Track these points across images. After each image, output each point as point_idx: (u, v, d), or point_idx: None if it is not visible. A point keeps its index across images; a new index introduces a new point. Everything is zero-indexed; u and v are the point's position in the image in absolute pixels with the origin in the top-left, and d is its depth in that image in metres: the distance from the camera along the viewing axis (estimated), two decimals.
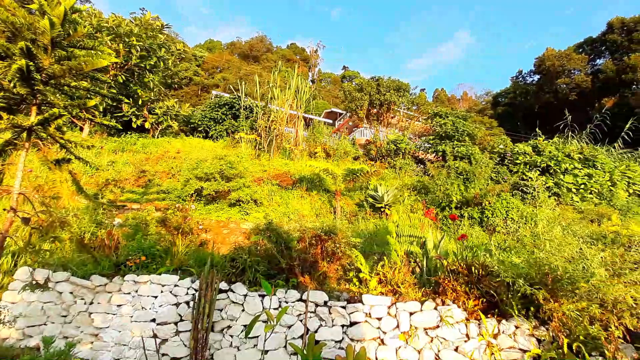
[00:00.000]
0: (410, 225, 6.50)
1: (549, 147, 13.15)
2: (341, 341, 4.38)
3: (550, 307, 3.70)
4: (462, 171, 10.39)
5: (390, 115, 18.18)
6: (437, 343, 4.20)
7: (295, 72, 12.64)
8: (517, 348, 3.98)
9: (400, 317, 4.31)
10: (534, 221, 8.23)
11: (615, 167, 13.29)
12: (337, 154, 12.67)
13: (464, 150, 11.31)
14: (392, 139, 12.67)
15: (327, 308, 4.55)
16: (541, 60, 42.34)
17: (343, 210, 9.21)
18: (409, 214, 8.51)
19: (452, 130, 12.31)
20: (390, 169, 11.67)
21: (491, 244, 7.24)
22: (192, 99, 39.25)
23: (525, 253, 4.81)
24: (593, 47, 40.91)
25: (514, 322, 4.06)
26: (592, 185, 12.09)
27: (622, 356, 3.75)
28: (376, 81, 17.65)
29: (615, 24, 38.63)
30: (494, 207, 9.07)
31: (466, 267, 4.63)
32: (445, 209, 9.38)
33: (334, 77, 62.37)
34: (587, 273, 3.53)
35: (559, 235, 3.99)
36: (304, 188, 9.62)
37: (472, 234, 8.52)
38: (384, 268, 4.95)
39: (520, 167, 12.39)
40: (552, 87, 40.57)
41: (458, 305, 4.33)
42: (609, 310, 3.52)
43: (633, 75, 34.34)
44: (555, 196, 11.49)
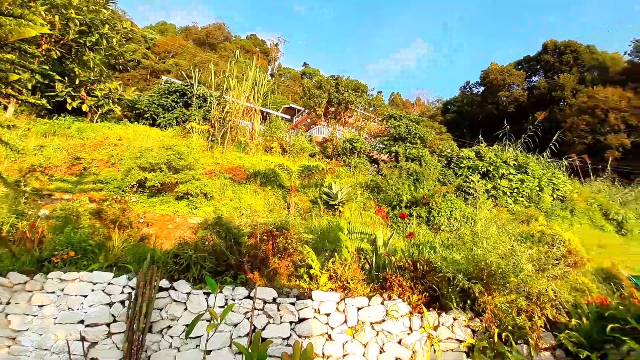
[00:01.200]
0: (362, 223, 6.64)
1: (490, 153, 14.26)
2: (289, 338, 4.31)
3: (484, 300, 3.98)
4: (413, 172, 10.87)
5: (348, 114, 18.48)
6: (382, 337, 4.31)
7: (253, 63, 12.27)
8: (454, 339, 4.23)
9: (348, 312, 4.35)
10: (474, 221, 8.85)
11: (543, 174, 14.80)
12: (293, 150, 12.56)
13: (416, 152, 11.85)
14: (348, 137, 12.87)
15: (275, 305, 4.46)
16: (486, 74, 45.88)
17: (297, 206, 9.14)
18: (361, 212, 8.70)
19: (405, 132, 12.84)
20: (346, 168, 11.84)
21: (436, 242, 7.66)
22: (139, 83, 36.53)
23: (465, 250, 5.14)
24: (530, 65, 45.26)
25: (453, 315, 4.31)
26: (523, 189, 13.34)
27: (542, 343, 4.16)
28: (335, 80, 17.83)
29: (549, 45, 43.10)
30: (440, 207, 9.61)
31: (412, 263, 4.82)
32: (396, 208, 9.74)
33: (294, 73, 61.93)
34: (517, 268, 3.84)
35: (494, 234, 4.30)
36: (258, 183, 9.39)
37: (419, 232, 8.95)
38: (334, 264, 4.97)
39: (464, 170, 13.29)
40: (494, 99, 44.18)
41: (403, 299, 4.49)
42: (534, 302, 3.88)
43: (561, 93, 38.60)
44: (493, 198, 12.50)
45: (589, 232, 13.52)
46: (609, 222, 15.64)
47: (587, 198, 15.93)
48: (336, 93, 17.14)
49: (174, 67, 41.31)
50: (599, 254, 11.86)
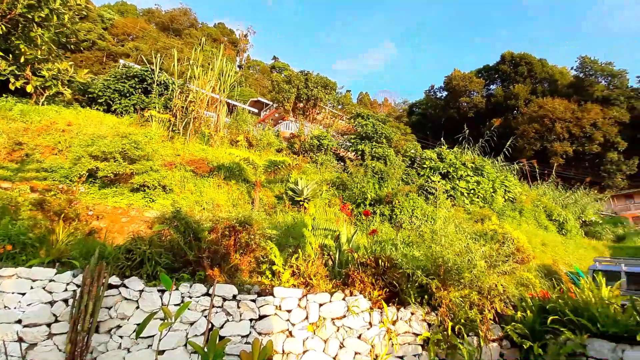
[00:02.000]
0: (326, 220, 6.66)
1: (450, 155, 14.92)
2: (248, 336, 4.21)
3: (440, 295, 4.15)
4: (378, 171, 11.10)
5: (316, 111, 18.45)
6: (342, 332, 4.34)
7: (220, 53, 11.82)
8: (411, 332, 4.37)
9: (310, 308, 4.34)
10: (434, 219, 9.23)
11: (497, 177, 15.77)
12: (260, 144, 12.32)
13: (381, 152, 12.12)
14: (316, 134, 12.85)
15: (236, 302, 4.33)
16: (449, 79, 47.99)
17: (262, 201, 8.98)
18: (326, 209, 8.72)
19: (372, 131, 13.08)
20: (312, 164, 11.82)
21: (398, 239, 7.86)
22: (94, 66, 33.94)
23: (425, 247, 5.33)
24: (489, 74, 47.99)
25: (411, 309, 4.45)
26: (479, 190, 14.12)
27: (491, 335, 4.42)
28: (305, 75, 17.70)
29: (507, 56, 45.94)
30: (402, 205, 9.89)
31: (374, 260, 4.90)
32: (360, 206, 9.89)
33: (263, 66, 60.75)
34: (471, 265, 4.04)
35: (452, 232, 4.49)
36: (221, 177, 9.09)
37: (382, 230, 9.15)
38: (298, 260, 4.93)
39: (426, 171, 13.80)
40: (456, 104, 46.38)
41: (364, 295, 4.55)
42: (485, 297, 4.11)
43: (515, 102, 41.36)
44: (452, 198, 13.11)
45: (535, 232, 14.65)
46: (551, 222, 17.04)
47: (534, 200, 17.23)
48: (305, 89, 17.03)
49: (133, 51, 38.83)
50: (542, 252, 12.89)
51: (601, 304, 4.06)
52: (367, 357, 4.22)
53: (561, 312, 4.24)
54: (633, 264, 10.28)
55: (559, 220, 17.25)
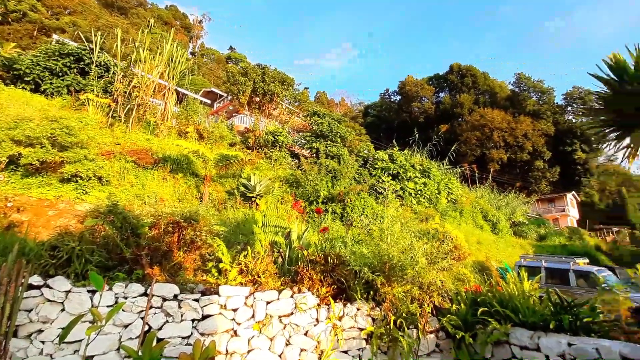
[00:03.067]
0: (278, 217, 6.59)
1: (401, 157, 15.61)
2: (190, 337, 4.02)
3: (384, 291, 4.32)
4: (332, 169, 11.25)
5: (273, 106, 18.16)
6: (289, 329, 4.33)
7: (171, 37, 11.08)
8: (357, 327, 4.50)
9: (257, 307, 4.26)
10: (383, 218, 9.59)
11: (442, 179, 16.82)
12: (212, 137, 11.81)
13: (336, 151, 12.30)
14: (271, 130, 12.66)
15: (177, 302, 4.10)
16: (403, 84, 50.18)
17: (212, 197, 8.64)
18: (278, 206, 8.64)
19: (327, 130, 13.22)
20: (266, 160, 11.63)
21: (348, 237, 8.02)
22: (22, 40, 30.00)
23: (373, 245, 5.51)
24: (439, 82, 51.01)
25: (357, 305, 4.57)
26: (425, 192, 14.95)
27: (429, 327, 4.70)
28: (262, 69, 17.32)
29: (455, 67, 49.18)
30: (354, 204, 10.14)
31: (323, 257, 4.95)
32: (313, 203, 9.96)
33: (218, 56, 58.29)
34: (413, 261, 4.26)
35: (398, 230, 4.68)
36: (167, 169, 8.57)
37: (333, 228, 9.29)
38: (246, 258, 4.82)
39: (378, 171, 14.29)
40: (408, 108, 48.65)
41: (313, 292, 4.58)
42: (425, 291, 4.36)
43: (461, 110, 44.44)
44: (400, 198, 13.72)
45: (472, 231, 15.91)
46: (487, 222, 18.64)
47: (472, 202, 18.70)
48: (262, 83, 16.65)
49: (70, 27, 34.96)
50: (477, 250, 14.04)
51: (523, 296, 4.52)
52: (313, 353, 4.25)
53: (490, 304, 4.64)
54: (551, 260, 11.62)
55: (493, 221, 18.94)
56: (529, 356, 4.15)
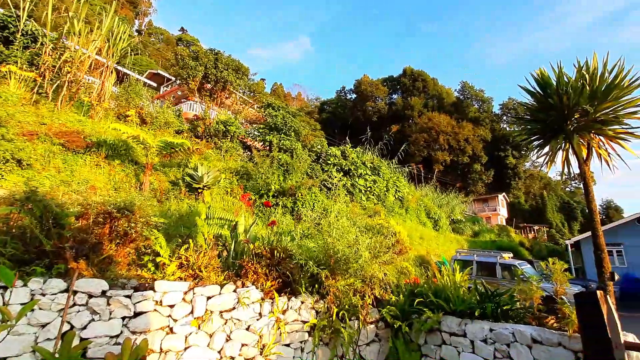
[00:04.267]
0: (225, 209, 6.36)
1: (353, 154, 15.97)
2: (119, 335, 3.73)
3: (329, 284, 4.38)
4: (284, 163, 11.14)
5: (225, 95, 17.42)
6: (231, 324, 4.21)
7: (112, 9, 10.06)
8: (300, 320, 4.52)
9: (196, 302, 4.07)
10: (332, 212, 9.75)
11: (390, 177, 17.54)
12: (156, 123, 11.03)
13: (289, 144, 12.20)
14: (223, 119, 12.15)
15: (105, 299, 3.77)
16: (359, 83, 51.30)
17: (153, 186, 8.09)
18: (226, 198, 8.35)
19: (281, 123, 13.06)
20: (216, 150, 11.16)
21: (297, 231, 8.03)
22: None
23: (321, 239, 5.57)
24: (392, 84, 52.94)
25: (301, 299, 4.59)
26: (375, 189, 15.49)
27: (370, 318, 4.88)
28: (215, 55, 16.49)
29: (407, 71, 51.38)
30: (305, 198, 10.16)
31: (270, 250, 4.89)
32: (263, 197, 9.79)
33: (167, 36, 54.44)
34: (357, 255, 4.37)
35: (343, 225, 4.77)
36: (102, 155, 7.83)
37: (283, 222, 9.23)
38: (187, 251, 4.58)
39: (330, 167, 14.47)
40: (363, 107, 49.87)
41: (257, 286, 4.50)
42: (367, 284, 4.51)
43: (411, 113, 46.63)
44: (350, 194, 14.06)
45: (416, 227, 16.86)
46: (429, 219, 19.86)
47: (417, 200, 19.80)
48: (214, 69, 15.85)
49: None
50: (419, 245, 14.91)
51: (454, 287, 4.88)
52: (254, 347, 4.19)
53: (425, 295, 4.95)
54: (481, 254, 12.73)
55: (435, 218, 20.25)
56: (457, 342, 4.50)
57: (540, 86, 5.10)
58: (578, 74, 4.78)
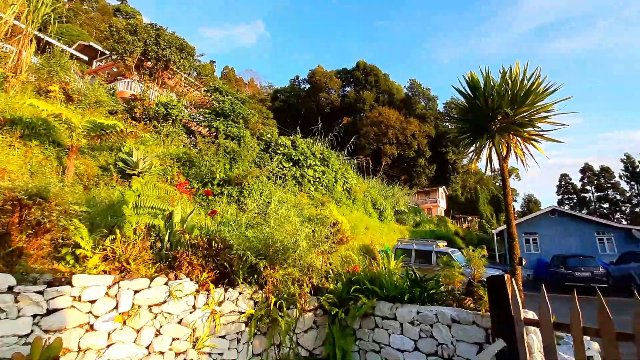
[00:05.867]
0: (161, 197, 5.99)
1: (303, 144, 15.98)
2: (29, 335, 3.37)
3: (267, 274, 4.37)
4: (231, 151, 10.78)
5: (168, 75, 16.20)
6: (161, 319, 4.02)
7: None
8: (237, 311, 4.46)
9: (122, 297, 3.81)
10: (279, 202, 9.70)
11: (339, 169, 17.89)
12: (85, 101, 9.95)
13: (237, 132, 11.81)
14: (164, 101, 11.32)
15: (12, 295, 3.38)
16: (313, 74, 51.18)
17: (79, 172, 7.35)
18: (159, 185, 7.87)
19: (229, 109, 12.56)
20: (155, 135, 10.41)
21: (242, 221, 7.86)
22: None
23: (265, 229, 5.51)
24: (346, 77, 53.64)
25: (239, 289, 4.52)
26: (324, 179, 15.70)
27: (308, 306, 4.98)
28: (157, 31, 15.17)
29: (361, 64, 52.35)
30: (251, 188, 9.97)
31: (207, 241, 4.73)
32: (207, 185, 9.41)
33: (103, 5, 48.99)
34: (296, 245, 4.41)
35: (284, 214, 4.77)
36: (17, 134, 6.91)
37: (228, 211, 8.98)
38: (114, 243, 4.25)
39: (279, 156, 14.34)
40: (316, 98, 49.95)
41: (191, 278, 4.34)
42: (305, 273, 4.58)
43: (363, 106, 47.80)
44: (299, 185, 14.10)
45: (362, 217, 17.50)
46: (375, 210, 20.71)
47: (365, 191, 20.51)
48: (155, 46, 14.59)
49: None
50: (364, 234, 15.51)
51: (388, 274, 5.17)
52: (186, 341, 4.06)
53: (362, 282, 5.18)
54: (420, 243, 13.64)
55: (380, 209, 21.18)
56: (388, 325, 4.80)
57: (470, 88, 5.51)
58: (502, 79, 5.25)
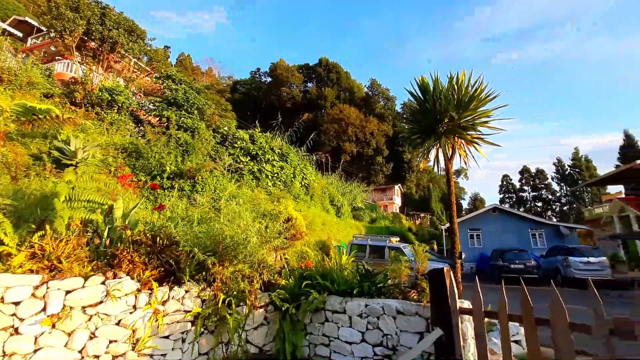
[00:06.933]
0: (99, 190, 5.55)
1: (262, 139, 15.73)
2: None
3: (216, 270, 4.26)
4: (184, 143, 10.29)
5: (115, 58, 14.95)
6: (96, 320, 3.76)
7: None
8: (183, 310, 4.30)
9: (50, 297, 3.50)
10: (235, 197, 9.47)
11: (298, 164, 17.88)
12: (16, 81, 8.90)
13: (191, 123, 11.29)
14: (108, 86, 10.45)
15: None
16: (275, 67, 50.45)
17: (7, 160, 6.60)
18: (98, 177, 7.33)
19: (182, 99, 11.93)
20: (98, 122, 9.61)
21: (194, 216, 7.57)
22: None
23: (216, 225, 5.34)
24: (308, 73, 53.54)
25: (185, 287, 4.36)
26: (282, 175, 15.60)
27: (259, 302, 4.94)
28: (102, 9, 13.86)
29: (323, 61, 52.52)
30: (205, 182, 9.62)
31: (152, 237, 4.50)
32: (156, 178, 8.92)
33: None
34: (246, 241, 4.34)
35: (237, 209, 4.67)
36: None
37: (179, 206, 8.60)
38: (43, 239, 3.89)
39: (237, 150, 13.99)
40: (277, 92, 49.34)
41: (132, 277, 4.10)
42: (256, 270, 4.53)
43: (324, 103, 48.09)
44: (257, 180, 13.88)
45: (319, 214, 17.67)
46: (333, 206, 21.02)
47: (323, 188, 20.71)
48: (101, 26, 13.34)
49: None
50: (321, 230, 15.69)
51: (339, 269, 5.29)
52: (125, 343, 3.83)
53: (314, 278, 5.24)
54: (375, 239, 14.09)
55: (338, 205, 21.53)
56: (338, 318, 4.91)
57: (421, 91, 5.79)
58: (449, 84, 5.57)
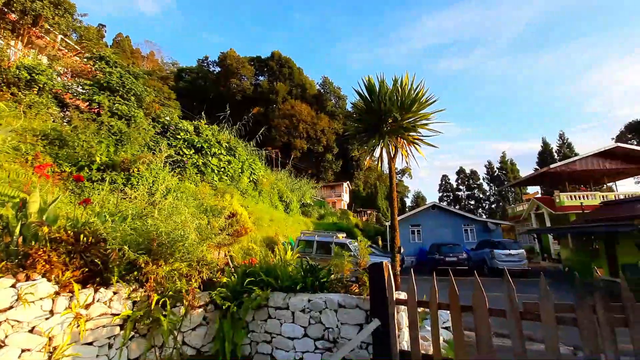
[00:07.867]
0: (9, 181, 4.86)
1: (208, 131, 15.04)
2: None
3: (148, 270, 3.99)
4: (117, 131, 9.42)
5: (38, 33, 13.11)
6: (6, 327, 3.30)
7: None
8: (110, 314, 3.95)
9: None
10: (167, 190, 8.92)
11: (247, 159, 17.45)
12: None
13: (126, 110, 10.34)
14: (27, 64, 9.13)
15: None
16: (224, 57, 48.50)
17: None
18: (8, 167, 6.43)
19: (117, 83, 10.86)
20: (14, 104, 8.38)
21: (128, 212, 6.99)
22: None
23: (149, 220, 4.98)
24: (260, 65, 52.36)
25: (114, 289, 4.01)
26: (229, 169, 15.10)
27: (198, 302, 4.73)
28: None
29: (276, 55, 51.73)
30: (142, 175, 8.93)
31: (74, 235, 4.06)
32: (84, 169, 8.07)
33: None
34: (184, 238, 4.12)
35: (175, 204, 4.41)
36: None
37: (110, 200, 7.88)
38: None
39: (180, 142, 13.21)
40: (227, 83, 47.55)
41: (49, 278, 3.67)
42: (194, 268, 4.33)
43: (276, 97, 47.45)
44: (202, 174, 13.26)
45: (267, 209, 17.46)
46: (281, 202, 20.89)
47: (272, 183, 20.48)
48: None
49: None
50: (269, 226, 15.52)
51: (284, 265, 5.28)
52: (40, 352, 3.42)
53: (257, 274, 5.17)
54: (322, 235, 14.30)
55: (287, 201, 21.47)
56: (281, 314, 4.91)
57: (367, 91, 5.98)
58: (394, 86, 5.83)
